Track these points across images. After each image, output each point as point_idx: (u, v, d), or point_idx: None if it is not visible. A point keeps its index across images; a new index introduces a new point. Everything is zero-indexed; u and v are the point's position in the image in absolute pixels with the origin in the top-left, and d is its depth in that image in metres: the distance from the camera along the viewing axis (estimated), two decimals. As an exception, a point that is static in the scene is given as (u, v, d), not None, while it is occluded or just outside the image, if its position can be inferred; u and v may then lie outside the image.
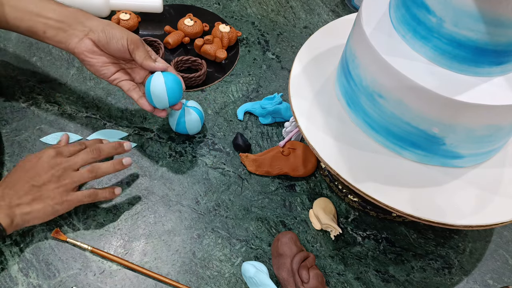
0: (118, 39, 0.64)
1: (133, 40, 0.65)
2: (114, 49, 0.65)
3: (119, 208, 0.66)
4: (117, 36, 0.64)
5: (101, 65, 0.66)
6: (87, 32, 0.64)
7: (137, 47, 0.65)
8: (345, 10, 1.02)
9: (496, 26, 0.47)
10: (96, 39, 0.64)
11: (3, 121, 0.73)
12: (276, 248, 0.62)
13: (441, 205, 0.55)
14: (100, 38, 0.64)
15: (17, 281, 0.58)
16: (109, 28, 0.65)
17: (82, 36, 0.64)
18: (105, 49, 0.65)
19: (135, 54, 0.65)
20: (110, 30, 0.64)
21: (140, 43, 0.66)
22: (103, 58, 0.66)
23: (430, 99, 0.50)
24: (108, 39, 0.64)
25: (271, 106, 0.77)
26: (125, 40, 0.64)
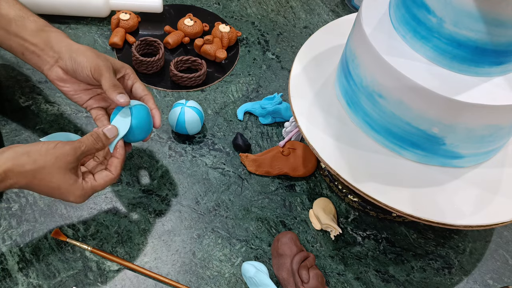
0: (83, 68, 0.59)
1: (96, 68, 0.59)
2: (82, 78, 0.61)
3: (119, 208, 0.66)
4: (82, 65, 0.59)
5: (73, 93, 0.63)
6: (56, 59, 0.61)
7: (100, 75, 0.59)
8: (345, 10, 1.02)
9: (496, 26, 0.47)
10: (64, 67, 0.61)
11: (3, 121, 0.73)
12: (276, 248, 0.62)
13: (441, 205, 0.55)
14: (67, 67, 0.60)
15: (17, 281, 0.59)
16: (75, 55, 0.60)
17: (52, 63, 0.61)
18: (74, 77, 0.61)
19: (101, 82, 0.59)
20: (76, 57, 0.59)
21: (103, 70, 0.59)
22: (74, 86, 0.63)
23: (430, 99, 0.50)
24: (74, 68, 0.60)
25: (271, 106, 0.77)
26: (88, 69, 0.59)
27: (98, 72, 0.59)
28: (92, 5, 0.87)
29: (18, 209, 0.64)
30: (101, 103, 0.64)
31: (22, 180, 0.52)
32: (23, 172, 0.51)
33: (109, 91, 0.58)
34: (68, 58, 0.60)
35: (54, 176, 0.52)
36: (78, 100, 0.64)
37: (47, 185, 0.53)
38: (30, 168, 0.51)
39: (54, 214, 0.65)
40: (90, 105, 0.64)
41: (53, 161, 0.52)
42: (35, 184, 0.52)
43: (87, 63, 0.59)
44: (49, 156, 0.52)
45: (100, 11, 0.88)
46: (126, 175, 0.70)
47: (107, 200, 0.67)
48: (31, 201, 0.65)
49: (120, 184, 0.69)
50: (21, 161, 0.51)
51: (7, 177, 0.50)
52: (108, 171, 0.57)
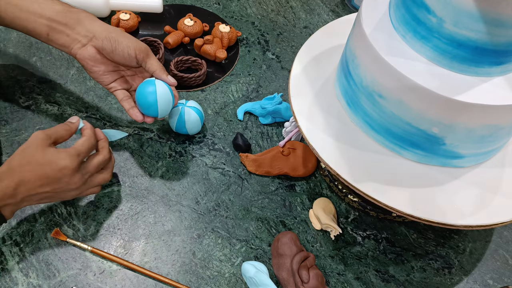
0: (124, 48, 0.63)
1: (141, 49, 0.64)
2: (119, 57, 0.64)
3: (119, 208, 0.66)
4: (123, 45, 0.63)
5: (102, 73, 0.65)
6: (90, 38, 0.63)
7: (148, 56, 0.65)
8: (345, 10, 1.02)
9: (496, 26, 0.47)
10: (100, 46, 0.63)
11: (3, 121, 0.73)
12: (276, 248, 0.62)
13: (441, 205, 0.55)
14: (104, 46, 0.63)
15: (17, 281, 0.59)
16: (114, 35, 0.63)
17: (85, 42, 0.63)
18: (110, 57, 0.64)
19: (147, 64, 0.65)
20: (116, 37, 0.63)
21: (149, 52, 0.65)
22: (104, 66, 0.65)
23: (430, 99, 0.50)
24: (113, 48, 0.63)
25: (271, 106, 0.77)
26: (132, 50, 0.63)
27: (144, 53, 0.64)
28: (92, 5, 0.87)
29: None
30: (124, 85, 0.68)
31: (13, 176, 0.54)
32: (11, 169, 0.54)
33: (159, 72, 0.65)
34: (106, 37, 0.62)
35: (36, 154, 0.55)
36: (104, 80, 0.66)
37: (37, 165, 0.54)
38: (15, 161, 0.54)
39: (54, 214, 0.65)
40: (115, 86, 0.67)
41: (29, 146, 0.55)
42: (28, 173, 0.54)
43: (131, 44, 0.63)
44: (23, 146, 0.56)
45: (100, 11, 0.88)
46: (126, 175, 0.70)
47: (107, 200, 0.67)
48: (31, 201, 0.65)
49: (120, 184, 0.69)
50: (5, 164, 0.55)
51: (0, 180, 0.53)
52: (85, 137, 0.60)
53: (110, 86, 0.67)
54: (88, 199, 0.67)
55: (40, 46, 0.85)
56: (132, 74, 0.70)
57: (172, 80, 0.66)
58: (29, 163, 0.54)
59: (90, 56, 0.63)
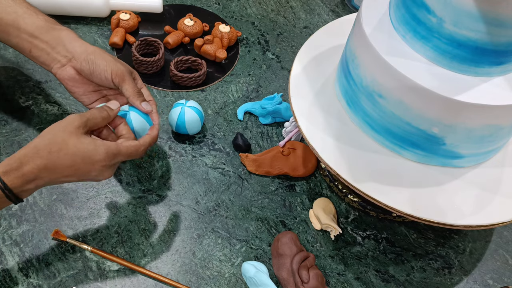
0: (102, 71, 0.60)
1: (118, 73, 0.60)
2: (98, 80, 0.62)
3: (119, 208, 0.66)
4: (100, 68, 0.60)
5: (82, 93, 0.64)
6: (69, 59, 0.61)
7: (123, 81, 0.61)
8: (345, 10, 1.02)
9: (496, 26, 0.47)
10: (78, 68, 0.61)
11: (3, 121, 0.73)
12: (276, 248, 0.62)
13: (441, 205, 0.55)
14: (83, 68, 0.61)
15: (17, 281, 0.59)
16: (92, 57, 0.60)
17: (64, 63, 0.61)
18: (88, 78, 0.62)
19: (122, 88, 0.61)
20: (94, 60, 0.60)
21: (126, 76, 0.61)
22: (85, 87, 0.63)
23: (430, 99, 0.50)
24: (91, 70, 0.61)
25: (271, 106, 0.77)
26: (109, 73, 0.60)
27: (120, 78, 0.60)
28: (92, 5, 0.87)
29: (18, 209, 0.64)
30: None
31: (37, 160, 0.50)
32: (37, 151, 0.50)
33: (133, 98, 0.60)
34: (84, 59, 0.60)
35: (70, 142, 0.51)
36: (85, 100, 0.64)
37: (66, 154, 0.51)
38: (43, 144, 0.51)
39: (54, 214, 0.65)
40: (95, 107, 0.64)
41: (62, 130, 0.52)
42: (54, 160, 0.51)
43: (107, 67, 0.60)
44: (56, 127, 0.52)
45: (100, 11, 0.88)
46: (126, 175, 0.70)
47: (107, 200, 0.67)
48: (31, 201, 0.65)
49: (120, 184, 0.69)
50: (33, 144, 0.51)
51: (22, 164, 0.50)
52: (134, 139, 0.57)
53: (91, 106, 0.65)
54: (88, 199, 0.67)
55: (40, 46, 0.85)
56: (114, 93, 0.67)
57: (146, 107, 0.61)
58: (59, 150, 0.51)
59: (69, 77, 0.62)
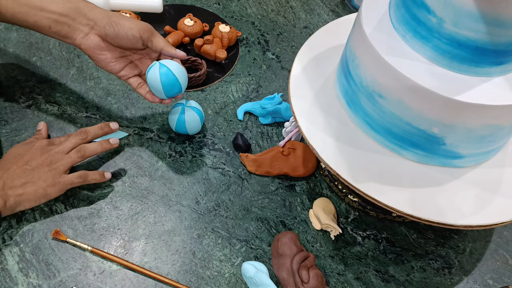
0: (128, 30, 0.62)
1: (145, 29, 0.63)
2: (124, 41, 0.63)
3: (119, 208, 0.66)
4: (125, 28, 0.62)
5: (109, 61, 0.65)
6: (92, 26, 0.62)
7: (152, 35, 0.64)
8: (345, 10, 1.02)
9: (496, 26, 0.47)
10: (103, 33, 0.62)
11: (3, 121, 0.73)
12: (276, 248, 0.62)
13: (441, 205, 0.55)
14: (107, 32, 0.62)
15: (17, 281, 0.58)
16: (115, 19, 0.62)
17: (87, 31, 0.62)
18: (114, 42, 0.63)
19: (152, 42, 0.64)
20: (117, 21, 0.62)
21: (153, 30, 0.64)
22: (110, 53, 0.65)
23: (430, 99, 0.50)
24: (116, 32, 0.62)
25: (271, 106, 0.77)
26: (136, 31, 0.62)
27: (149, 32, 0.63)
28: (92, 5, 0.87)
29: (18, 209, 0.64)
30: (135, 70, 0.68)
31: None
32: None
33: (167, 47, 0.64)
34: (107, 23, 0.62)
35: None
36: (113, 68, 0.66)
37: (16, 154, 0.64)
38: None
39: (54, 214, 0.65)
40: (126, 74, 0.67)
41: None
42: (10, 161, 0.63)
43: (133, 25, 0.62)
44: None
45: (100, 11, 0.88)
46: (126, 175, 0.70)
47: (107, 200, 0.67)
48: (31, 201, 0.65)
49: (120, 184, 0.69)
50: None
51: None
52: None
53: (121, 74, 0.67)
54: (88, 199, 0.67)
55: (40, 46, 0.85)
56: (139, 58, 0.69)
57: (181, 53, 0.66)
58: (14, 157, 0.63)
59: (95, 45, 0.63)
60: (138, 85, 0.67)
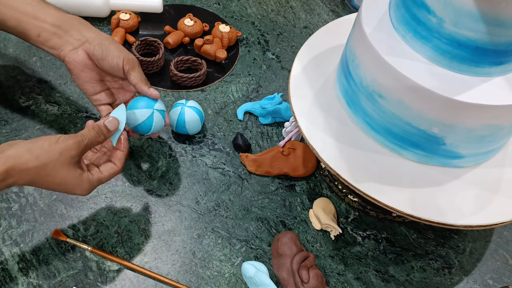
0: (114, 57, 0.61)
1: (129, 60, 0.62)
2: (108, 66, 0.62)
3: (119, 208, 0.66)
4: (113, 54, 0.61)
5: (87, 80, 0.63)
6: (83, 42, 0.62)
7: (133, 68, 0.62)
8: (345, 10, 1.02)
9: (496, 26, 0.47)
10: (91, 51, 0.61)
11: (3, 121, 0.73)
12: (276, 248, 0.62)
13: (441, 205, 0.55)
14: (95, 52, 0.61)
15: (17, 281, 0.58)
16: (106, 43, 0.62)
17: (77, 45, 0.62)
18: (99, 63, 0.62)
19: (130, 75, 0.62)
20: (108, 45, 0.61)
21: (136, 64, 0.63)
22: (92, 73, 0.63)
23: (430, 99, 0.50)
24: (104, 55, 0.61)
25: (271, 106, 0.77)
26: (121, 59, 0.61)
27: (130, 65, 0.62)
28: (92, 5, 0.87)
29: (18, 209, 0.64)
30: (109, 98, 0.66)
31: (25, 177, 0.51)
32: (25, 170, 0.50)
33: (141, 84, 0.62)
34: (98, 43, 0.61)
35: (59, 172, 0.52)
36: (89, 89, 0.64)
37: (51, 181, 0.52)
38: (33, 165, 0.50)
39: (54, 214, 0.65)
40: (100, 100, 0.65)
41: (57, 157, 0.51)
42: (39, 180, 0.52)
43: (120, 54, 0.62)
44: (52, 151, 0.51)
45: (100, 11, 0.88)
46: (126, 175, 0.70)
47: (107, 200, 0.67)
48: (31, 201, 0.65)
49: (120, 184, 0.69)
50: (23, 158, 0.50)
51: (9, 176, 0.50)
52: (113, 163, 0.58)
53: (93, 98, 0.65)
54: (88, 199, 0.67)
55: (40, 46, 0.85)
56: (118, 87, 0.67)
57: (154, 92, 0.63)
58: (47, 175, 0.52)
59: (80, 60, 0.62)
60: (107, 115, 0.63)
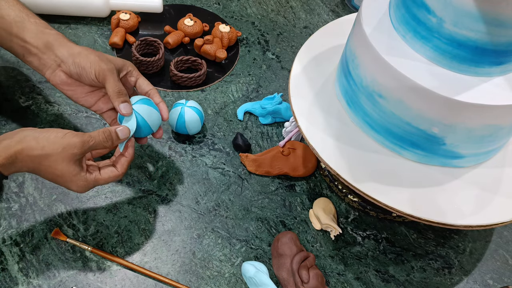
0: (88, 74, 0.59)
1: (100, 72, 0.58)
2: (88, 82, 0.61)
3: (119, 208, 0.66)
4: (86, 70, 0.59)
5: (79, 96, 0.63)
6: (59, 63, 0.60)
7: (105, 80, 0.59)
8: (345, 10, 1.02)
9: (496, 26, 0.47)
10: (68, 72, 0.60)
11: (3, 121, 0.73)
12: (276, 248, 0.62)
13: (441, 205, 0.55)
14: (71, 71, 0.60)
15: (17, 281, 0.58)
16: (78, 60, 0.59)
17: (54, 68, 0.61)
18: (79, 81, 0.61)
19: (105, 86, 0.59)
20: (79, 63, 0.59)
21: (107, 75, 0.59)
22: (79, 89, 0.62)
23: (430, 99, 0.50)
24: (79, 74, 0.60)
25: (271, 106, 0.77)
26: (93, 74, 0.59)
27: (102, 76, 0.59)
28: (92, 5, 0.87)
29: (18, 209, 0.64)
30: (109, 104, 0.64)
31: (29, 164, 0.53)
32: (31, 156, 0.52)
33: (113, 98, 0.59)
34: (72, 63, 0.60)
35: (59, 165, 0.53)
36: (85, 103, 0.64)
37: (51, 172, 0.54)
38: (38, 153, 0.52)
39: (54, 214, 0.65)
40: (101, 108, 0.64)
41: (59, 151, 0.53)
42: (41, 170, 0.54)
43: (91, 68, 0.59)
44: (56, 145, 0.53)
45: (100, 11, 0.88)
46: (126, 175, 0.70)
47: (107, 200, 0.67)
48: (31, 201, 0.65)
49: (120, 184, 0.69)
50: (30, 144, 0.52)
51: (17, 160, 0.52)
52: (114, 167, 0.58)
53: (94, 108, 0.64)
54: (88, 199, 0.67)
55: (40, 46, 0.85)
56: None
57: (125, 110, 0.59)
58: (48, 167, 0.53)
59: (62, 81, 0.61)
60: (112, 121, 0.64)
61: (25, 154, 0.52)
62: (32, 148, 0.52)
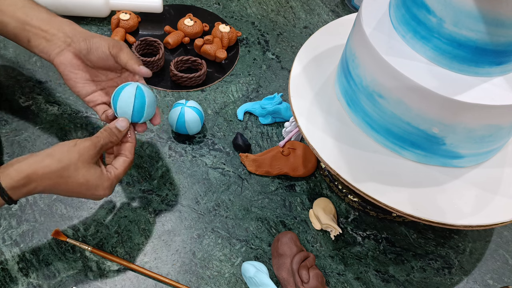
0: (99, 46, 0.61)
1: (115, 44, 0.61)
2: (96, 58, 0.62)
3: (119, 208, 0.66)
4: (98, 44, 0.61)
5: (78, 81, 0.63)
6: (69, 43, 0.62)
7: (121, 49, 0.61)
8: (345, 10, 1.02)
9: (496, 26, 0.47)
10: (77, 49, 0.61)
11: (3, 121, 0.73)
12: (276, 248, 0.62)
13: (441, 205, 0.55)
14: (81, 48, 0.61)
15: (17, 281, 0.58)
16: (90, 37, 0.62)
17: (63, 47, 0.62)
18: (87, 59, 0.62)
19: (119, 57, 0.61)
20: (91, 38, 0.61)
21: (124, 46, 0.62)
22: (82, 73, 0.63)
23: (430, 99, 0.50)
24: (89, 48, 0.61)
25: (271, 106, 0.77)
26: (106, 47, 0.61)
27: (117, 48, 0.61)
28: (92, 5, 0.87)
29: (18, 209, 0.64)
30: (104, 98, 0.64)
31: (45, 181, 0.52)
32: (47, 173, 0.52)
33: (130, 62, 0.61)
34: (83, 39, 0.61)
35: (81, 171, 0.54)
36: (81, 90, 0.63)
37: (74, 182, 0.54)
38: (55, 168, 0.52)
39: (54, 214, 0.65)
40: (95, 100, 0.63)
41: (77, 157, 0.54)
42: (60, 184, 0.53)
43: (104, 42, 0.61)
44: (72, 153, 0.54)
45: (100, 11, 0.88)
46: (126, 175, 0.70)
47: (107, 200, 0.67)
48: (31, 201, 0.65)
49: (120, 184, 0.69)
50: (44, 163, 0.52)
51: (30, 181, 0.51)
52: (124, 156, 0.59)
53: (87, 99, 0.64)
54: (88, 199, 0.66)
55: (40, 46, 0.85)
56: (112, 86, 0.66)
57: (144, 69, 0.61)
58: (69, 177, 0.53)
59: (67, 61, 0.62)
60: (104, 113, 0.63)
61: (41, 173, 0.52)
62: (47, 165, 0.52)
